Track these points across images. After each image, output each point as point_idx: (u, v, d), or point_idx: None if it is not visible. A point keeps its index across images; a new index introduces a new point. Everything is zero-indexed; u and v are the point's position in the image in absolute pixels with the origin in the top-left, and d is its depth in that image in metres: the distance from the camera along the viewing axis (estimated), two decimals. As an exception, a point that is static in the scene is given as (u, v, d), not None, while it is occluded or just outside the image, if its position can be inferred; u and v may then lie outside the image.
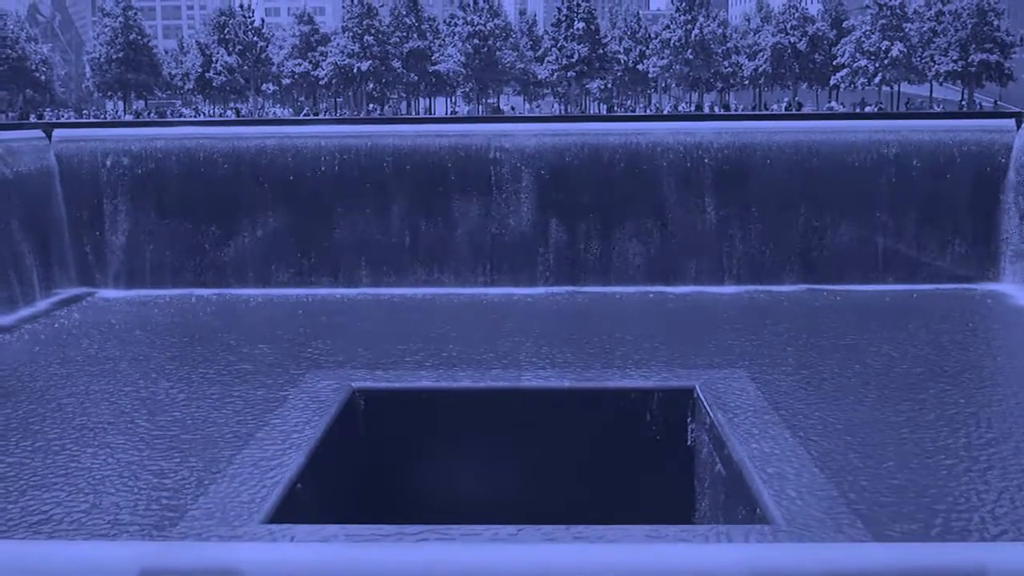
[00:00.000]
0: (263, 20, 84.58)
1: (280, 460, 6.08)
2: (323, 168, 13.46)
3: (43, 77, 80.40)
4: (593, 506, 7.58)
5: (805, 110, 67.27)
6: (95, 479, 6.16)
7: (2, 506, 5.76)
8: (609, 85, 79.04)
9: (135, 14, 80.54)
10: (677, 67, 75.63)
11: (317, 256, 13.33)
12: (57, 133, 13.85)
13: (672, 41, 74.97)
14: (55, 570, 1.85)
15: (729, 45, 77.81)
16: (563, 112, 75.68)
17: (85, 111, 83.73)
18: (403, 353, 9.22)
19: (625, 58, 79.34)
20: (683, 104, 79.92)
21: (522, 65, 78.25)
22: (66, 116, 73.29)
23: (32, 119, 60.77)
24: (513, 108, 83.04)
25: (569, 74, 75.88)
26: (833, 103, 74.29)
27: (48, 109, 79.02)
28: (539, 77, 78.79)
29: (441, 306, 12.26)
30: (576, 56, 74.90)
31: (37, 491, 5.97)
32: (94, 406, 7.81)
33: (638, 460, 7.66)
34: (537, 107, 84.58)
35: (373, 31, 76.23)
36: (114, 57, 78.32)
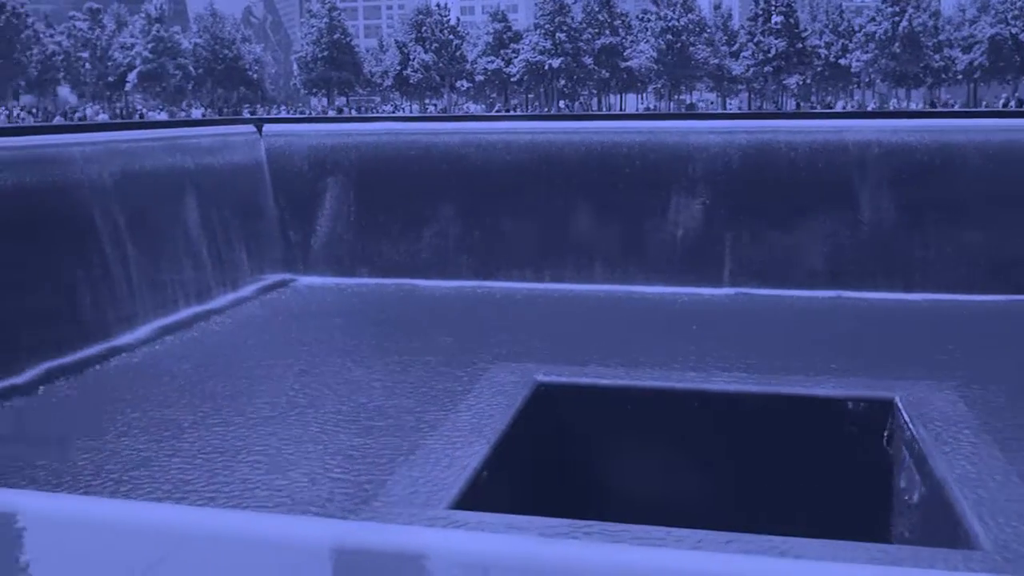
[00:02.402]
0: (458, 18, 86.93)
1: (467, 448, 6.21)
2: (511, 164, 13.65)
3: (255, 76, 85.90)
4: (777, 515, 7.30)
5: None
6: (293, 454, 6.52)
7: (212, 473, 6.20)
8: (808, 80, 76.17)
9: (339, 14, 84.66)
10: (883, 61, 71.86)
11: (504, 251, 13.53)
12: (267, 128, 14.73)
13: (877, 34, 71.28)
14: (250, 540, 1.93)
15: (941, 38, 73.11)
16: (759, 108, 73.56)
17: (285, 107, 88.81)
18: (585, 349, 9.21)
19: (826, 52, 76.10)
20: (893, 101, 75.78)
21: (716, 60, 76.58)
22: (276, 112, 78.07)
23: (245, 115, 65.02)
24: (706, 105, 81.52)
25: (766, 69, 73.69)
26: (1058, 99, 68.28)
27: (259, 106, 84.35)
28: (733, 73, 76.89)
29: (622, 304, 12.17)
30: (773, 51, 72.65)
31: (243, 461, 6.39)
32: (293, 387, 8.25)
33: (829, 471, 7.31)
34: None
35: (565, 28, 76.76)
36: (319, 56, 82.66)
